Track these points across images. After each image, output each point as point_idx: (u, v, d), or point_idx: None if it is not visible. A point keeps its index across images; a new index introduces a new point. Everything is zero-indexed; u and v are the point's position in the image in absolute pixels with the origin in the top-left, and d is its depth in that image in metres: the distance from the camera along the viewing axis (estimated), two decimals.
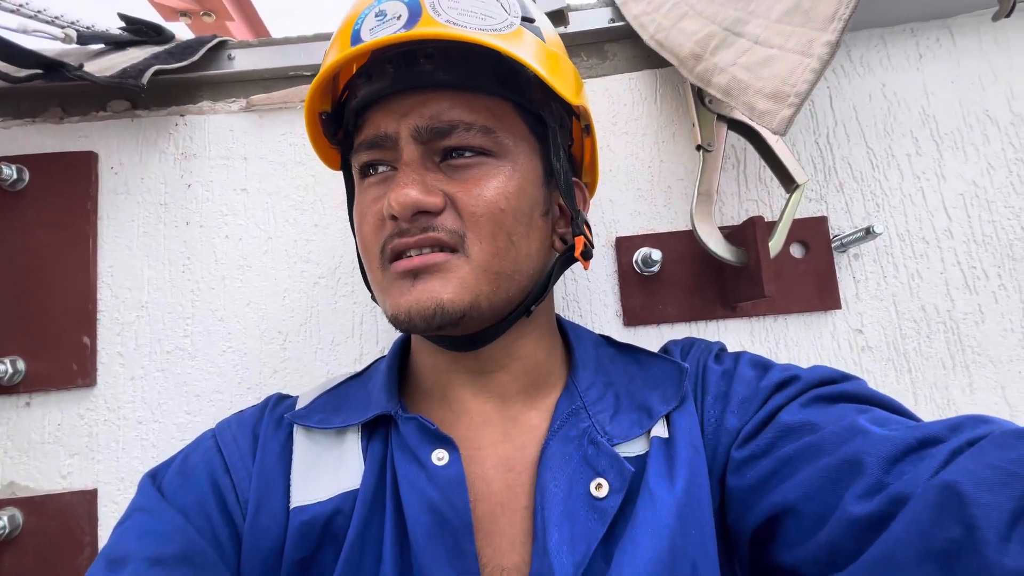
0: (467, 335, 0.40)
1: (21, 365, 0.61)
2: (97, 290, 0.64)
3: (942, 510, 0.24)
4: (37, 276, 0.63)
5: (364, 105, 0.40)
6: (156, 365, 0.63)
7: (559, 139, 0.42)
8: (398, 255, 0.37)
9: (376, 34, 0.36)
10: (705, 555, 0.35)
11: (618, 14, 0.67)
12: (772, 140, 0.60)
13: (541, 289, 0.42)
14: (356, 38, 0.37)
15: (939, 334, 0.62)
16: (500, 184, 0.38)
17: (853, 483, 0.30)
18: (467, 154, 0.38)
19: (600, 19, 0.68)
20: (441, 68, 0.37)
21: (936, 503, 0.25)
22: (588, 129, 0.47)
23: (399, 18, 0.35)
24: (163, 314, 0.64)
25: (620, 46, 0.69)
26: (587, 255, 0.43)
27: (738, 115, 0.60)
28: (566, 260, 0.45)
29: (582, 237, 0.42)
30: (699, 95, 0.61)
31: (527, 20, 0.40)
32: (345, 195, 0.47)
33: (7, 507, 0.58)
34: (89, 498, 0.60)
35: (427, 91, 0.38)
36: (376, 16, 0.36)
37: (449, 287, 0.36)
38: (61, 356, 0.62)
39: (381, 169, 0.40)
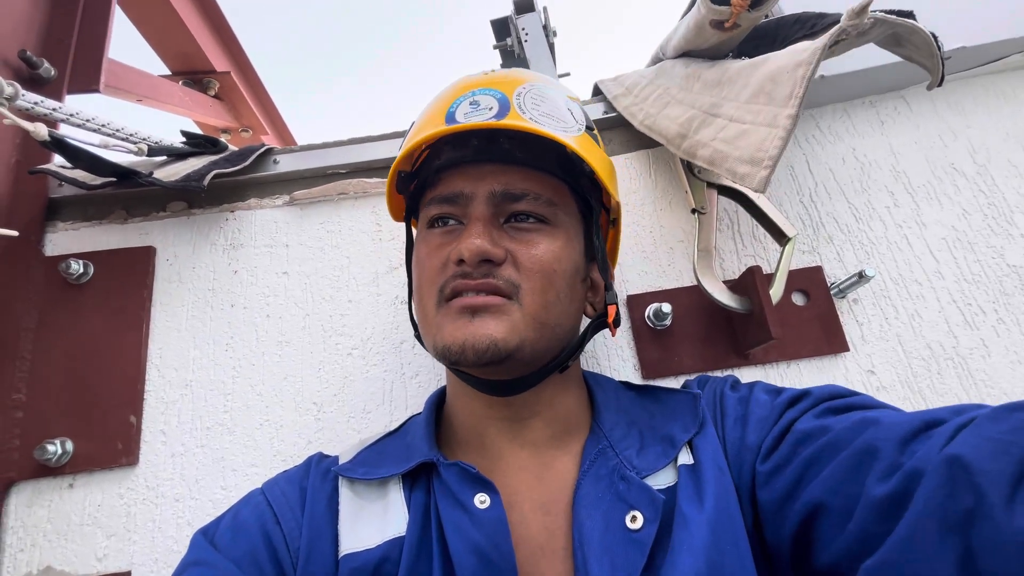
0: (506, 380, 0.44)
1: (70, 446, 0.64)
2: (146, 371, 0.69)
3: (953, 482, 0.26)
4: (92, 361, 0.68)
5: (444, 167, 0.46)
6: (196, 441, 0.66)
7: (599, 222, 0.50)
8: (457, 294, 0.42)
9: (471, 119, 0.43)
10: (744, 570, 0.35)
11: (610, 107, 0.77)
12: (758, 199, 0.66)
13: (575, 347, 0.47)
14: (451, 119, 0.44)
15: (949, 370, 0.64)
16: (554, 248, 0.44)
17: (871, 468, 0.32)
18: (531, 220, 0.45)
19: (595, 112, 0.78)
20: (518, 149, 0.45)
21: (947, 476, 0.27)
22: (615, 222, 0.55)
23: (491, 109, 0.44)
24: (205, 391, 0.68)
25: (615, 132, 0.79)
26: (616, 322, 0.48)
27: (725, 181, 0.67)
28: (596, 325, 0.51)
29: (614, 306, 0.48)
30: (688, 167, 0.68)
31: (589, 128, 0.50)
32: (405, 244, 0.54)
33: None
34: None
35: (503, 164, 0.45)
36: (470, 104, 0.44)
37: (502, 327, 0.40)
38: (108, 436, 0.65)
39: (449, 223, 0.46)
